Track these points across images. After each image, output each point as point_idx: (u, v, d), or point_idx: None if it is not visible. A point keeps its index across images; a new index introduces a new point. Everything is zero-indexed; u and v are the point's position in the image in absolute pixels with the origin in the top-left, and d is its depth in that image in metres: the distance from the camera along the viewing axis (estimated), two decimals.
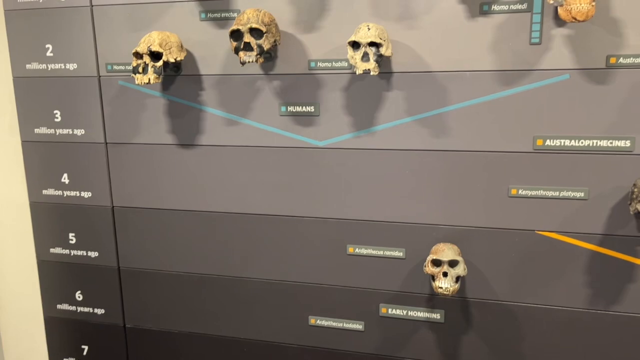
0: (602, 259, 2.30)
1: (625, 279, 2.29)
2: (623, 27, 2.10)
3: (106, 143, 2.78)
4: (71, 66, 2.74)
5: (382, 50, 2.19)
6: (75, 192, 2.89)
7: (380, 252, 2.55)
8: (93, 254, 2.95)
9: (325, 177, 2.54)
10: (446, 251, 2.31)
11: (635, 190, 2.11)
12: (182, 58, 2.47)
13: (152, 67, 2.36)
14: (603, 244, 2.28)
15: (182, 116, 2.65)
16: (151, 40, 2.38)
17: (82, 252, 2.96)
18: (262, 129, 2.57)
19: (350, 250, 2.58)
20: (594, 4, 1.93)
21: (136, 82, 2.38)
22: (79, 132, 2.81)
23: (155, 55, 2.38)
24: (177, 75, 2.61)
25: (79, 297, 3.04)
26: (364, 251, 2.56)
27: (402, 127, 2.41)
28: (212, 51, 2.54)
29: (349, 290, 2.62)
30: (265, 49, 2.28)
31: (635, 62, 2.11)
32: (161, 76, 2.41)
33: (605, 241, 2.28)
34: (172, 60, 2.41)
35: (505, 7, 2.20)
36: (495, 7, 2.21)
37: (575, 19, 1.94)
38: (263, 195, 2.63)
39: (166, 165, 2.73)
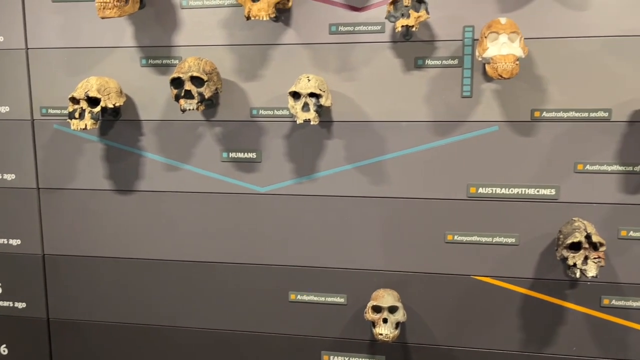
0: (533, 303, 2.38)
1: (556, 321, 2.38)
2: (546, 83, 2.25)
3: (38, 188, 2.68)
4: (3, 109, 2.64)
5: (322, 101, 2.25)
6: (2, 240, 2.74)
7: (322, 299, 2.54)
8: (20, 305, 2.79)
9: (267, 224, 2.53)
10: (386, 297, 2.34)
11: (561, 236, 2.23)
12: (122, 103, 2.44)
13: (89, 112, 2.32)
14: (534, 288, 2.38)
15: (120, 161, 2.60)
16: (89, 85, 2.34)
17: (8, 303, 2.79)
18: (202, 174, 2.55)
19: (292, 297, 2.56)
20: (518, 62, 2.07)
21: (72, 128, 2.32)
22: (9, 176, 2.69)
23: (93, 101, 2.34)
24: (115, 120, 2.56)
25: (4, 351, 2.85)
26: (305, 298, 2.55)
27: (343, 174, 2.46)
28: (152, 97, 2.52)
29: (290, 338, 2.59)
30: (206, 96, 2.29)
31: (557, 115, 2.26)
32: (99, 121, 2.37)
33: (536, 285, 2.37)
34: (110, 105, 2.37)
35: (439, 62, 2.32)
36: (429, 62, 2.32)
37: (501, 76, 2.06)
38: (203, 242, 2.59)
39: (103, 212, 2.65)
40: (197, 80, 2.27)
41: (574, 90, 2.23)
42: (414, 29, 2.15)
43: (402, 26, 2.14)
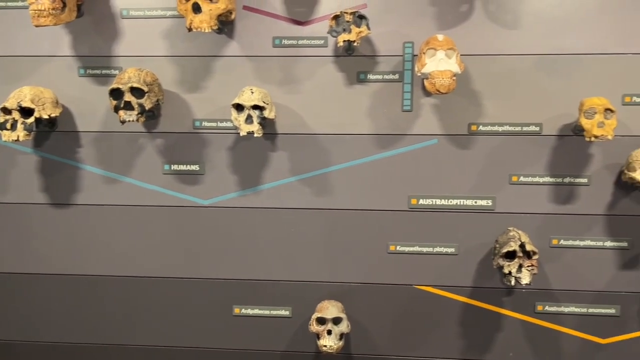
0: (472, 310, 2.45)
1: (493, 328, 2.46)
2: (482, 98, 2.34)
3: None
4: None
5: (266, 113, 2.25)
6: None
7: (267, 312, 2.53)
8: None
9: (210, 237, 2.50)
10: (330, 309, 2.35)
11: (497, 246, 2.31)
12: (58, 114, 2.36)
13: (22, 123, 2.23)
14: (473, 296, 2.45)
15: (56, 174, 2.51)
16: (22, 95, 2.25)
17: None
18: (143, 187, 2.49)
19: (236, 311, 2.53)
20: (454, 78, 2.14)
21: (3, 139, 2.23)
22: None
23: (26, 111, 2.25)
24: (51, 131, 2.47)
25: None
26: (250, 311, 2.53)
27: (286, 187, 2.46)
28: (91, 108, 2.45)
29: (235, 352, 2.56)
30: (147, 108, 2.25)
31: (493, 129, 2.35)
32: (32, 133, 2.28)
33: (475, 293, 2.45)
34: (45, 116, 2.29)
35: (380, 77, 2.37)
36: (370, 76, 2.37)
37: (439, 91, 2.13)
38: (144, 256, 2.53)
39: (38, 226, 2.54)
40: (137, 91, 2.22)
41: (508, 105, 2.33)
42: (355, 43, 2.19)
43: (344, 41, 2.18)
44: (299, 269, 2.49)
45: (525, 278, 2.16)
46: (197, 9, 2.15)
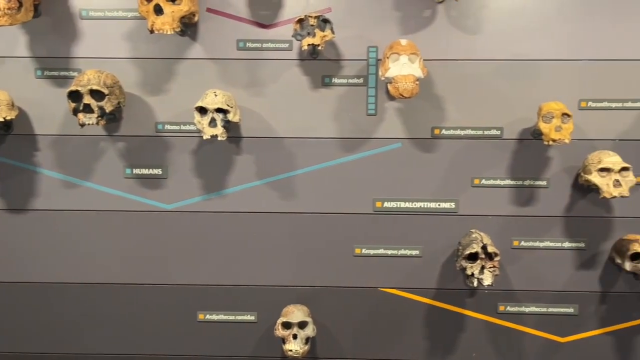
0: (437, 312, 2.48)
1: (457, 329, 2.49)
2: (444, 103, 2.38)
3: None
4: None
5: (230, 117, 2.23)
6: None
7: (232, 317, 2.50)
8: None
9: (174, 242, 2.46)
10: (296, 313, 2.34)
11: (460, 248, 2.34)
12: (13, 117, 2.29)
13: None
14: (437, 298, 2.48)
15: (12, 178, 2.43)
16: None
17: None
18: (104, 192, 2.43)
19: (201, 317, 2.50)
20: (417, 82, 2.16)
21: None
22: None
23: None
24: (7, 134, 2.39)
25: None
26: (215, 317, 2.50)
27: (252, 190, 2.44)
28: (49, 110, 2.39)
29: (199, 359, 2.52)
30: (107, 111, 2.20)
31: (455, 133, 2.39)
32: None
33: (439, 295, 2.48)
34: (0, 119, 2.21)
35: (345, 81, 2.38)
36: (335, 80, 2.38)
37: (402, 95, 2.15)
38: (105, 263, 2.47)
39: None
40: (97, 94, 2.17)
41: (470, 109, 2.37)
42: (320, 47, 2.20)
43: (309, 45, 2.18)
44: (264, 274, 2.47)
45: (487, 279, 2.20)
46: (159, 10, 2.12)
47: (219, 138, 2.20)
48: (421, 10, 2.33)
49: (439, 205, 2.43)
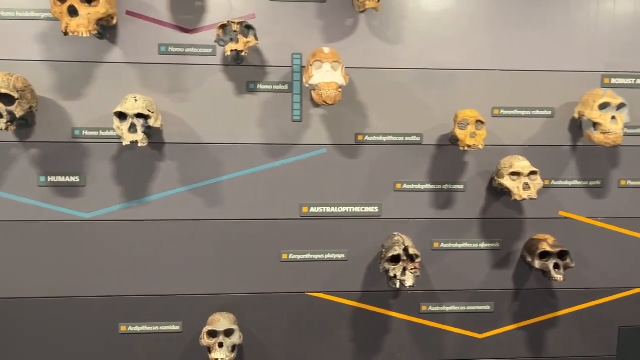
0: (362, 314, 2.53)
1: (382, 330, 2.55)
2: (367, 110, 2.44)
3: None
4: None
5: (151, 122, 2.18)
6: None
7: (156, 328, 2.43)
8: None
9: (93, 252, 2.37)
10: (222, 321, 2.31)
11: (383, 250, 2.41)
12: None
13: None
14: (362, 300, 2.53)
15: None
16: None
17: None
18: (16, 201, 2.31)
19: (123, 329, 2.41)
20: (340, 90, 2.21)
21: None
22: None
23: None
24: None
25: None
26: (138, 329, 2.42)
27: (176, 197, 2.40)
28: None
29: None
30: (17, 116, 2.09)
31: (378, 139, 2.46)
32: None
33: (364, 297, 2.53)
34: None
35: (270, 87, 2.39)
36: (260, 86, 2.38)
37: (325, 102, 2.19)
38: (20, 275, 2.33)
39: None
40: (6, 98, 2.06)
41: (391, 116, 2.44)
42: (243, 53, 2.19)
43: (232, 50, 2.17)
44: (189, 282, 2.43)
45: (409, 280, 2.27)
46: (73, 12, 2.04)
47: (140, 144, 2.14)
48: (344, 19, 2.38)
49: (363, 209, 2.48)
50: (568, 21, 2.45)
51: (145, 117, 2.17)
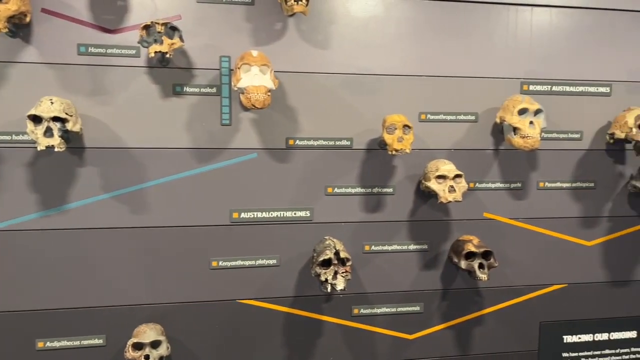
0: (295, 319, 2.52)
1: (315, 335, 2.55)
2: (298, 114, 2.43)
3: None
4: None
5: (69, 126, 2.07)
6: None
7: (77, 343, 2.31)
8: None
9: (6, 264, 2.21)
10: (148, 332, 2.22)
11: (315, 255, 2.40)
12: None
13: None
14: (294, 305, 2.51)
15: None
16: None
17: None
18: None
19: (40, 345, 2.27)
20: (269, 94, 2.19)
21: None
22: None
23: None
24: None
25: None
26: (57, 344, 2.29)
27: (98, 205, 2.29)
28: None
29: None
30: None
31: (309, 144, 2.45)
32: None
33: (296, 302, 2.51)
34: None
35: (197, 90, 2.33)
36: (187, 89, 2.32)
37: (254, 106, 2.16)
38: None
39: None
40: None
41: (322, 120, 2.45)
42: (168, 55, 2.13)
43: (156, 52, 2.11)
44: (113, 293, 2.33)
45: (340, 284, 2.27)
46: None
47: (56, 149, 2.03)
48: (272, 22, 2.37)
49: (294, 214, 2.47)
50: (489, 30, 2.55)
51: (62, 120, 2.05)
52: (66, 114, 2.06)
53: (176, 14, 2.28)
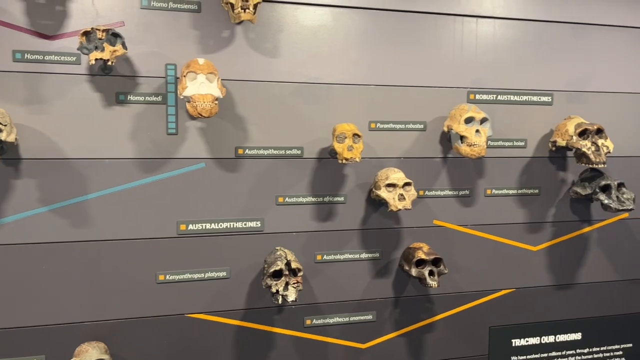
0: (246, 332, 2.46)
1: (267, 347, 2.50)
2: (246, 123, 2.40)
3: None
4: None
5: (2, 136, 1.96)
6: None
7: None
8: None
9: None
10: (90, 351, 2.13)
11: (266, 266, 2.36)
12: None
13: None
14: (245, 318, 2.46)
15: None
16: None
17: None
18: None
19: None
20: (216, 102, 2.14)
21: None
22: None
23: None
24: None
25: None
26: None
27: (36, 218, 2.18)
28: None
29: None
30: None
31: (259, 153, 2.42)
32: None
33: (248, 315, 2.46)
34: None
35: (142, 98, 2.26)
36: (131, 97, 2.25)
37: (200, 114, 2.11)
38: None
39: None
40: None
41: (272, 129, 2.42)
42: (110, 62, 2.06)
43: (97, 59, 2.03)
44: (53, 311, 2.22)
45: (291, 295, 2.24)
46: None
47: None
48: (220, 30, 2.33)
49: (245, 224, 2.43)
50: (436, 40, 2.59)
51: None
52: (0, 123, 1.96)
53: (119, 20, 2.21)
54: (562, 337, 2.93)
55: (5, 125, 1.98)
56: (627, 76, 2.87)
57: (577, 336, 2.95)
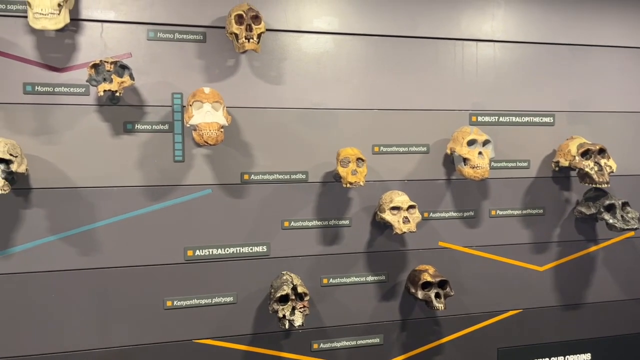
0: (253, 357, 2.47)
1: None
2: (252, 149, 2.43)
3: None
4: None
5: (13, 167, 2.00)
6: None
7: None
8: None
9: None
10: None
11: (272, 290, 2.37)
12: None
13: None
14: (253, 343, 2.47)
15: None
16: None
17: None
18: None
19: None
20: (222, 130, 2.18)
21: None
22: None
23: None
24: None
25: None
26: None
27: (46, 247, 2.21)
28: None
29: None
30: None
31: (264, 178, 2.45)
32: None
33: (255, 340, 2.47)
34: None
35: (149, 127, 2.31)
36: (138, 126, 2.29)
37: (207, 142, 2.15)
38: None
39: None
40: None
41: (277, 155, 2.45)
42: (118, 93, 2.11)
43: (105, 90, 2.08)
44: (63, 339, 2.24)
45: (298, 320, 2.24)
46: None
47: (1, 192, 1.96)
48: (225, 59, 2.38)
49: (251, 249, 2.45)
50: (437, 65, 2.63)
51: (6, 161, 1.99)
52: (10, 154, 2.00)
53: (126, 52, 2.26)
54: (571, 358, 2.91)
55: (16, 157, 2.03)
56: (627, 95, 2.89)
57: (587, 357, 2.93)
